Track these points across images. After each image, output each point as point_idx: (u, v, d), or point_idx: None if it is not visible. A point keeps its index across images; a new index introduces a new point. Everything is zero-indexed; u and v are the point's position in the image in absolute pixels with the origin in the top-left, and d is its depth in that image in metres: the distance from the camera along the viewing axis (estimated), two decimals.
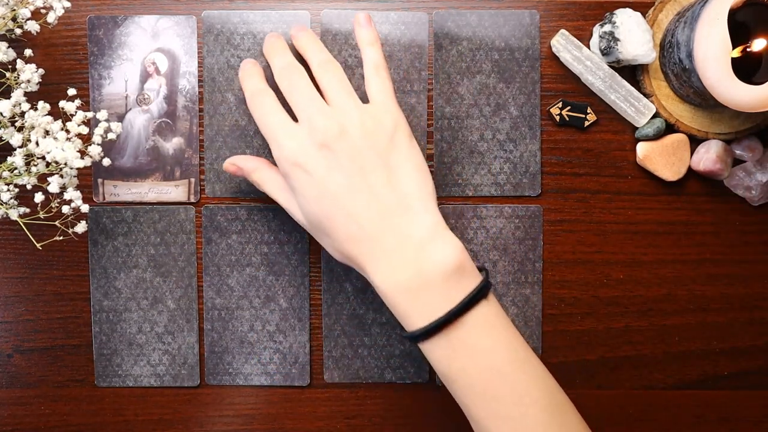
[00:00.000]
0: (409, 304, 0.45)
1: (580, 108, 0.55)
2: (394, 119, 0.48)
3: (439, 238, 0.46)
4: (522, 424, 0.45)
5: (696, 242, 0.56)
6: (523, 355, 0.46)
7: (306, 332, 0.56)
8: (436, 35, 0.55)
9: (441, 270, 0.45)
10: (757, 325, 0.57)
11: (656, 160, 0.55)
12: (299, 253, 0.56)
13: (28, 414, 0.57)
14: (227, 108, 0.55)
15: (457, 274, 0.45)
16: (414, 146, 0.48)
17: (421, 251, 0.45)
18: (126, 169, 0.56)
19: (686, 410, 0.57)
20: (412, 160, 0.47)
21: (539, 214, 0.56)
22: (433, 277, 0.45)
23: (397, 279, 0.45)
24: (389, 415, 0.57)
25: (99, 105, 0.55)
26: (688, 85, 0.52)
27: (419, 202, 0.47)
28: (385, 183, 0.46)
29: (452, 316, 0.45)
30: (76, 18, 0.55)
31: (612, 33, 0.53)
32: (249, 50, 0.55)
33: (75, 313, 0.56)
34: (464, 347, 0.45)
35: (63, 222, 0.50)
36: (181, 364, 0.56)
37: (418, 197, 0.47)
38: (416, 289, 0.45)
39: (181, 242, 0.56)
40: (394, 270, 0.45)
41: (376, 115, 0.48)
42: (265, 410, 0.57)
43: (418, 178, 0.47)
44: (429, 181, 0.48)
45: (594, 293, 0.57)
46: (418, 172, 0.47)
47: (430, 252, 0.45)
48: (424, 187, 0.47)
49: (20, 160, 0.47)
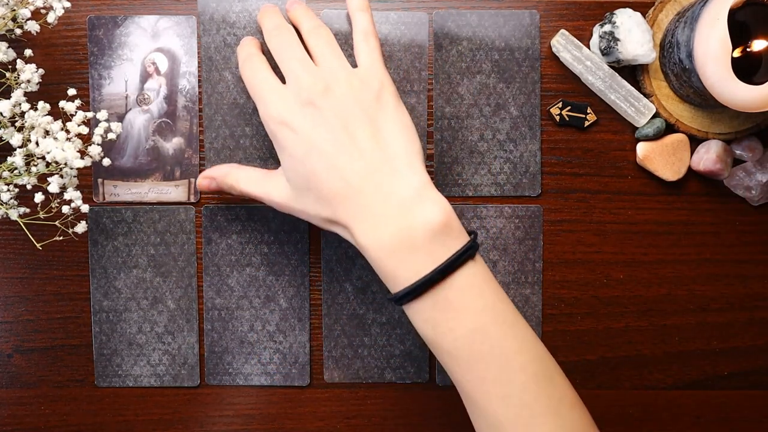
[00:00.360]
0: (393, 265, 0.45)
1: (580, 108, 0.55)
2: (381, 81, 0.48)
3: (426, 197, 0.45)
4: (509, 389, 0.44)
5: (696, 242, 0.56)
6: (511, 318, 0.45)
7: (306, 332, 0.56)
8: (436, 35, 0.55)
9: (426, 229, 0.44)
10: (757, 325, 0.57)
11: (656, 160, 0.55)
12: (299, 253, 0.56)
13: (28, 414, 0.57)
14: (225, 86, 0.55)
15: (443, 233, 0.44)
16: (401, 108, 0.48)
17: (407, 210, 0.45)
18: (126, 169, 0.56)
19: (686, 410, 0.57)
20: (398, 120, 0.47)
21: (539, 214, 0.56)
22: (419, 236, 0.44)
23: (382, 238, 0.45)
24: (389, 415, 0.57)
25: (99, 105, 0.55)
26: (688, 85, 0.52)
27: (405, 162, 0.46)
28: (370, 139, 0.46)
29: (437, 276, 0.44)
30: (76, 18, 0.55)
31: (612, 33, 0.53)
32: (245, 28, 0.55)
33: (75, 313, 0.56)
34: (450, 309, 0.44)
35: (63, 222, 0.50)
36: (181, 364, 0.56)
37: (404, 156, 0.46)
38: (401, 249, 0.44)
39: (181, 242, 0.56)
40: (379, 229, 0.45)
41: (363, 77, 0.48)
42: (265, 410, 0.57)
43: (404, 138, 0.47)
44: (416, 141, 0.47)
45: (594, 293, 0.57)
46: (405, 132, 0.47)
47: (416, 211, 0.45)
48: (410, 146, 0.47)
49: (20, 160, 0.47)
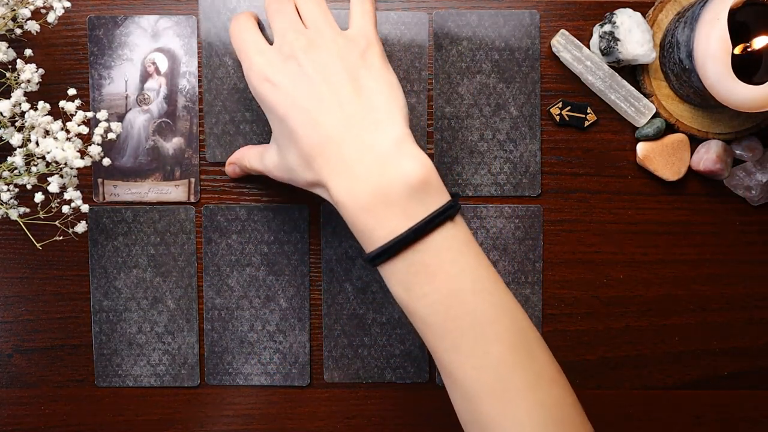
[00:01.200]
0: (368, 221, 0.43)
1: (580, 108, 0.55)
2: (368, 40, 0.46)
3: (405, 152, 0.43)
4: (484, 361, 0.42)
5: (696, 242, 0.56)
6: (490, 285, 0.43)
7: (306, 332, 0.56)
8: (436, 35, 0.55)
9: (403, 184, 0.42)
10: (757, 325, 0.57)
11: (656, 160, 0.55)
12: (299, 253, 0.56)
13: (28, 414, 0.57)
14: (225, 72, 0.55)
15: (422, 191, 0.42)
16: (387, 68, 0.46)
17: (384, 164, 0.43)
18: (126, 169, 0.56)
19: (686, 410, 0.57)
20: (383, 78, 0.46)
21: (539, 214, 0.56)
22: (395, 192, 0.42)
23: (356, 192, 0.43)
24: (389, 415, 0.57)
25: (99, 105, 0.55)
26: (688, 85, 0.52)
27: (386, 115, 0.44)
28: (350, 93, 0.44)
29: (411, 236, 0.42)
30: (76, 18, 0.55)
31: (612, 33, 0.53)
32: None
33: (75, 313, 0.56)
34: (425, 272, 0.42)
35: (63, 222, 0.50)
36: (181, 364, 0.56)
37: (385, 110, 0.44)
38: (376, 205, 0.42)
39: (181, 242, 0.56)
40: (354, 183, 0.43)
41: (351, 36, 0.46)
42: (265, 410, 0.57)
43: (387, 93, 0.45)
44: (400, 98, 0.45)
45: (594, 293, 0.57)
46: (388, 88, 0.45)
47: (393, 165, 0.43)
48: (393, 101, 0.45)
49: (20, 160, 0.47)
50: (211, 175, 0.56)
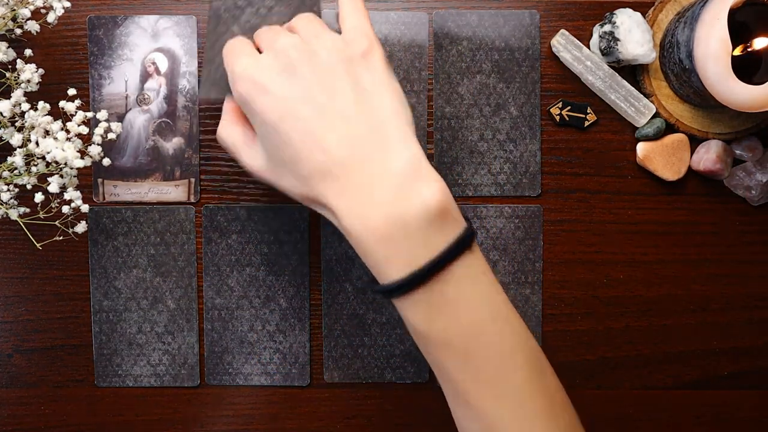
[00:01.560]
0: (383, 253, 0.39)
1: (580, 108, 0.55)
2: (370, 41, 0.43)
3: (421, 175, 0.40)
4: (504, 389, 0.41)
5: (696, 242, 0.56)
6: (506, 313, 0.42)
7: (306, 332, 0.56)
8: (436, 35, 0.55)
9: (422, 212, 0.39)
10: (757, 325, 0.57)
11: (656, 160, 0.55)
12: (299, 253, 0.56)
13: (28, 414, 0.57)
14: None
15: (440, 218, 0.39)
16: (391, 73, 0.43)
17: (399, 189, 0.39)
18: (126, 169, 0.56)
19: (686, 410, 0.57)
20: (387, 85, 0.42)
21: (539, 214, 0.56)
22: (414, 221, 0.39)
23: (370, 222, 0.39)
24: (389, 415, 0.57)
25: (99, 105, 0.55)
26: (688, 85, 0.52)
27: (396, 131, 0.41)
28: (354, 104, 0.41)
29: (434, 267, 0.39)
30: (76, 18, 0.55)
31: (612, 33, 0.53)
32: None
33: (75, 313, 0.56)
34: (446, 303, 0.40)
35: (63, 222, 0.50)
36: (181, 364, 0.56)
37: (394, 125, 0.41)
38: (394, 234, 0.39)
39: (181, 242, 0.56)
40: (367, 210, 0.39)
41: (350, 38, 0.43)
42: (265, 410, 0.57)
43: (394, 104, 0.41)
44: (407, 109, 0.42)
45: (594, 293, 0.57)
46: (394, 98, 0.42)
47: (410, 191, 0.39)
48: (401, 114, 0.41)
49: (20, 160, 0.47)
50: (211, 175, 0.56)
